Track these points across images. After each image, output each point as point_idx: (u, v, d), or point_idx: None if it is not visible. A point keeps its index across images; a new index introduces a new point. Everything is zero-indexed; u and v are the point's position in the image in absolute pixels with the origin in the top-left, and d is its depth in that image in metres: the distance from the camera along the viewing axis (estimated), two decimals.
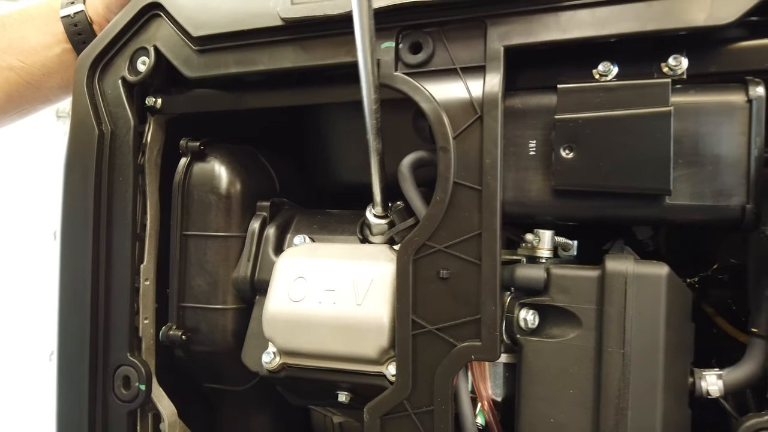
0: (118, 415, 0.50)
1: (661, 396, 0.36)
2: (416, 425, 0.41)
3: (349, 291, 0.44)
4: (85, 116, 0.51)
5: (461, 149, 0.40)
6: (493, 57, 0.40)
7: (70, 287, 0.51)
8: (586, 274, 0.38)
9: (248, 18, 0.46)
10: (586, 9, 0.39)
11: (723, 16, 0.36)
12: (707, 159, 0.37)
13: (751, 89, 0.36)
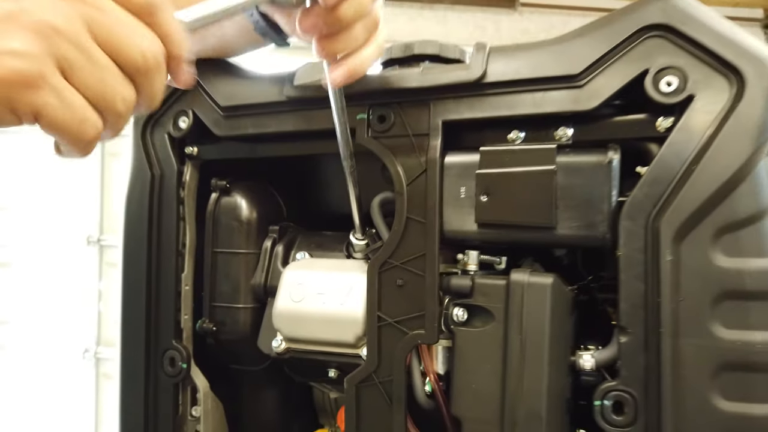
0: (166, 386, 0.67)
1: (547, 368, 0.51)
2: (380, 391, 0.57)
3: (335, 294, 0.60)
4: (141, 162, 0.68)
5: (412, 193, 0.56)
6: (434, 128, 0.56)
7: (130, 291, 0.68)
8: (498, 282, 0.54)
9: (261, 94, 0.62)
10: (500, 96, 0.54)
11: (590, 104, 0.51)
12: (582, 202, 0.52)
13: (611, 153, 0.51)
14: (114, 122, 0.37)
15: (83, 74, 0.34)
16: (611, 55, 0.51)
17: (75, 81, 0.34)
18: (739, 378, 0.47)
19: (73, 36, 0.34)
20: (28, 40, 0.33)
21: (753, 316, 0.47)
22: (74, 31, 0.34)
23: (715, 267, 0.47)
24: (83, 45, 0.34)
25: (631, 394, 0.49)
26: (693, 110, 0.49)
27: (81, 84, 0.35)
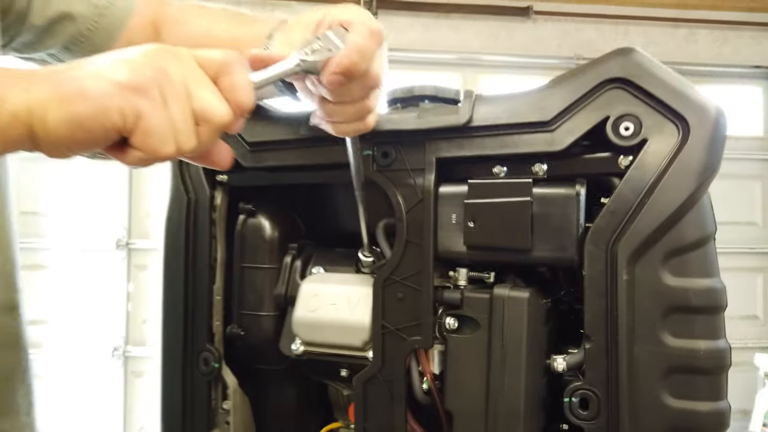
0: (200, 383, 0.77)
1: (524, 370, 0.60)
2: (384, 388, 0.66)
3: (346, 304, 0.70)
4: (179, 188, 0.78)
5: (410, 219, 0.65)
6: (429, 163, 0.65)
7: (170, 300, 0.78)
8: (483, 296, 0.63)
9: (281, 132, 0.72)
10: (485, 137, 0.63)
11: (560, 145, 0.60)
12: (554, 228, 0.61)
13: (578, 186, 0.60)
14: (179, 153, 0.47)
15: (173, 108, 0.45)
16: (578, 103, 0.60)
17: (169, 104, 0.46)
18: (685, 380, 0.56)
19: (176, 82, 0.45)
20: (148, 70, 0.45)
21: (697, 328, 0.56)
22: (177, 79, 0.45)
23: (665, 285, 0.56)
24: (179, 90, 0.45)
25: (595, 392, 0.58)
26: (646, 152, 0.57)
27: (172, 109, 0.46)
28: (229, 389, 0.78)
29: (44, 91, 0.44)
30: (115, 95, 0.44)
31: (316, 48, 0.54)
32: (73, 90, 0.44)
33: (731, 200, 3.84)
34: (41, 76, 0.46)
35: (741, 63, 3.92)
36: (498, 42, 3.80)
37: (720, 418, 0.56)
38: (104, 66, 0.46)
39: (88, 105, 0.44)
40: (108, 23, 0.78)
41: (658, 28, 3.90)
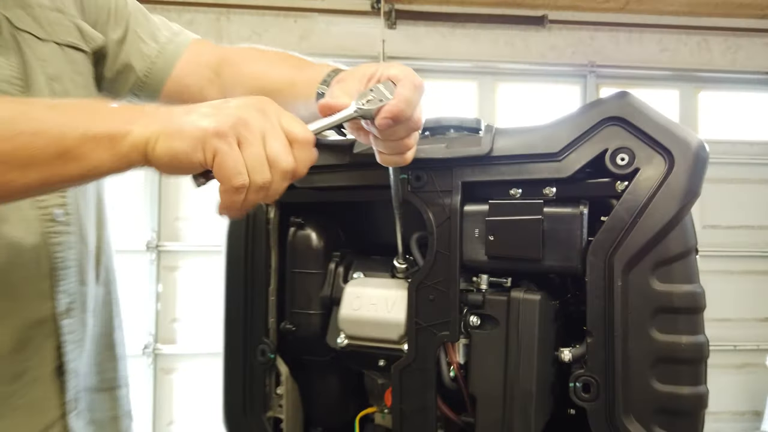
0: (258, 371, 0.90)
1: (536, 359, 0.72)
2: (417, 376, 0.79)
3: (384, 304, 0.82)
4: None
5: (440, 233, 0.78)
6: (456, 186, 0.77)
7: (232, 300, 0.91)
8: (501, 298, 0.75)
9: (329, 158, 0.85)
10: (503, 165, 0.75)
11: (566, 173, 0.72)
12: (561, 242, 0.72)
13: (582, 207, 0.72)
14: (253, 189, 0.59)
15: (249, 152, 0.58)
16: (581, 138, 0.72)
17: (244, 152, 0.58)
18: (670, 368, 0.67)
19: (252, 130, 0.58)
20: (230, 120, 0.58)
21: (680, 325, 0.68)
22: (256, 130, 0.58)
23: (653, 290, 0.68)
24: (255, 137, 0.58)
25: (595, 378, 0.70)
26: (639, 179, 0.69)
27: (246, 156, 0.58)
28: (282, 377, 0.90)
29: (156, 128, 0.58)
30: (200, 138, 0.57)
31: (370, 98, 0.67)
32: (174, 130, 0.58)
33: (744, 204, 3.91)
34: (157, 116, 0.59)
35: (754, 69, 3.99)
36: (513, 50, 3.91)
37: (699, 400, 0.68)
38: (200, 114, 0.59)
39: (181, 143, 0.57)
40: (158, 69, 0.92)
41: (672, 36, 3.98)
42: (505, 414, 0.74)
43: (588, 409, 0.70)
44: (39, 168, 0.55)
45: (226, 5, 3.75)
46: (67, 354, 0.75)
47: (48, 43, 0.79)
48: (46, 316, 0.73)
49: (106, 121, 0.57)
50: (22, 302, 0.70)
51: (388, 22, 3.79)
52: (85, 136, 0.56)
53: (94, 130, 0.56)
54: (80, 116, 0.57)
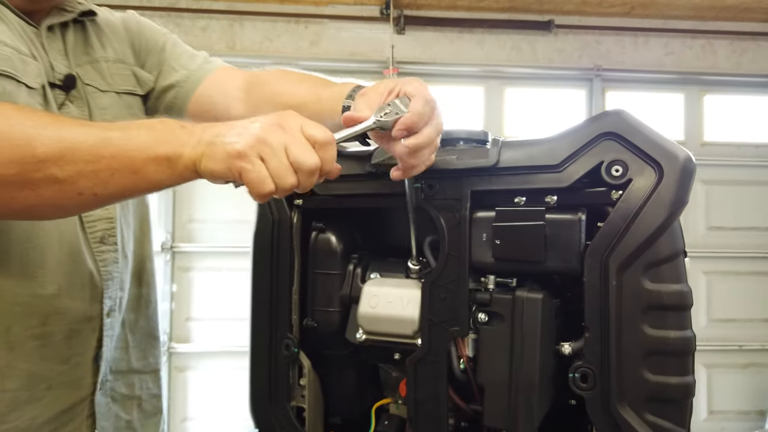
0: (282, 364, 0.98)
1: (538, 352, 0.79)
2: (430, 368, 0.86)
3: (399, 302, 0.90)
4: (265, 210, 0.99)
5: (451, 237, 0.85)
6: (465, 195, 0.84)
7: (258, 299, 0.99)
8: (507, 296, 0.82)
9: (349, 167, 0.92)
10: (509, 176, 0.83)
11: (566, 183, 0.79)
12: (562, 245, 0.80)
13: (580, 214, 0.79)
14: (282, 191, 0.69)
15: (272, 165, 0.68)
16: (580, 151, 0.79)
17: (267, 166, 0.67)
18: (659, 360, 0.74)
19: (274, 148, 0.67)
20: (249, 140, 0.67)
21: (669, 321, 0.75)
22: (276, 145, 0.67)
23: (644, 289, 0.75)
24: (278, 153, 0.67)
25: (592, 369, 0.77)
26: (631, 189, 0.76)
27: (270, 168, 0.67)
28: (304, 369, 0.98)
29: (200, 151, 0.68)
30: (227, 161, 0.67)
31: (387, 111, 0.75)
32: (210, 153, 0.68)
33: (750, 206, 3.95)
34: (202, 139, 0.69)
35: (759, 72, 4.03)
36: (521, 55, 3.97)
37: (687, 389, 0.74)
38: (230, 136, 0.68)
39: (215, 164, 0.68)
40: (183, 92, 1.07)
41: (677, 39, 4.03)
42: (511, 402, 0.81)
43: (586, 398, 0.77)
44: (117, 184, 0.67)
45: (238, 12, 3.84)
46: (104, 345, 0.90)
47: (108, 93, 0.95)
48: (94, 316, 0.88)
49: (165, 145, 0.68)
50: (78, 303, 0.86)
51: (397, 27, 3.87)
52: (149, 158, 0.67)
53: (155, 153, 0.67)
54: (146, 140, 0.68)
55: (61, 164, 0.65)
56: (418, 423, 0.88)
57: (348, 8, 3.88)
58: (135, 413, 0.99)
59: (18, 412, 0.80)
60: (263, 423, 1.00)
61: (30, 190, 0.65)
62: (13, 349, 0.80)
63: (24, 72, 0.82)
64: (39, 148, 0.64)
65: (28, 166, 0.64)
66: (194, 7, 3.79)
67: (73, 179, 0.65)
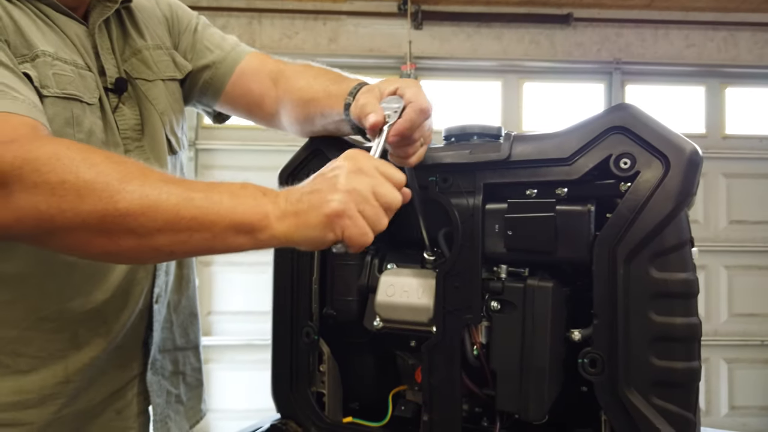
0: (303, 351, 1.02)
1: (549, 339, 0.82)
2: (444, 354, 0.89)
3: (415, 291, 0.93)
4: None
5: (464, 229, 0.88)
6: (478, 187, 0.88)
7: (280, 289, 1.03)
8: (518, 285, 0.85)
9: None
10: (520, 169, 0.86)
11: (576, 176, 0.82)
12: (572, 235, 0.82)
13: (589, 205, 0.82)
14: (377, 234, 0.72)
15: (367, 213, 0.70)
16: (589, 145, 0.81)
17: (364, 216, 0.70)
18: (666, 345, 0.77)
19: (366, 195, 0.70)
20: (346, 197, 0.69)
21: (675, 308, 0.77)
22: (366, 193, 0.70)
23: (651, 277, 0.77)
24: (370, 200, 0.70)
25: (600, 355, 0.79)
26: (639, 181, 0.78)
27: (366, 217, 0.70)
28: (324, 356, 1.02)
29: (292, 223, 0.69)
30: (329, 224, 0.69)
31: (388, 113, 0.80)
32: (304, 222, 0.69)
33: (763, 199, 3.90)
34: (287, 210, 0.69)
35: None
36: (539, 49, 3.97)
37: (692, 373, 0.77)
38: (321, 199, 0.69)
39: (314, 232, 0.69)
40: (221, 74, 1.09)
41: (699, 31, 3.99)
42: (522, 387, 0.84)
43: (594, 382, 0.80)
44: (194, 245, 0.68)
45: (257, 9, 3.89)
46: (154, 330, 0.96)
47: (156, 82, 0.97)
48: (146, 305, 0.95)
49: (248, 214, 0.67)
50: (134, 296, 0.92)
51: (415, 23, 3.89)
52: (230, 226, 0.67)
53: (238, 221, 0.67)
54: (228, 205, 0.67)
55: (142, 221, 0.65)
56: (433, 408, 0.91)
57: (366, 4, 3.91)
58: (181, 387, 1.05)
59: (79, 398, 0.88)
60: (284, 407, 1.05)
61: (107, 239, 0.66)
62: (80, 349, 0.87)
63: (84, 89, 0.84)
64: (121, 203, 0.64)
65: (109, 218, 0.65)
66: (214, 5, 3.85)
67: (152, 235, 0.66)
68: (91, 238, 0.66)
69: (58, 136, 0.78)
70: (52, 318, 0.85)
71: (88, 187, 0.64)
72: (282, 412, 1.05)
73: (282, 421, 1.04)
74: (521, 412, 0.84)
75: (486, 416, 0.93)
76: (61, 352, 0.86)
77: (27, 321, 0.84)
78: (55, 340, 0.86)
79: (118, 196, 0.64)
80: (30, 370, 0.84)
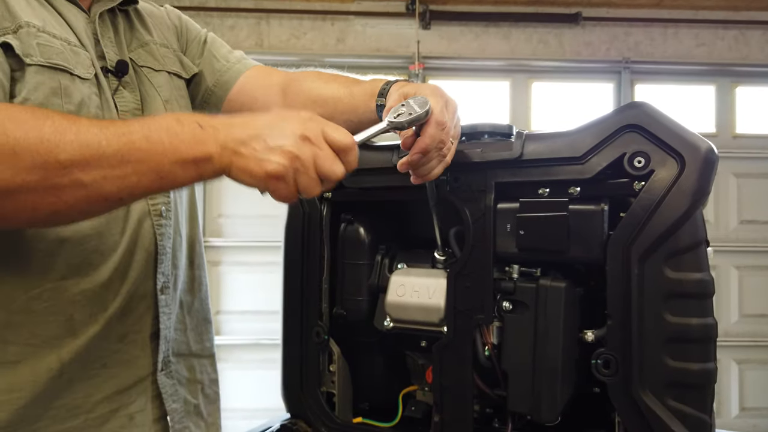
0: (313, 351, 1.02)
1: (561, 340, 0.81)
2: (455, 354, 0.89)
3: (425, 291, 0.93)
4: (296, 203, 1.03)
5: (476, 228, 0.87)
6: (489, 186, 0.87)
7: (290, 288, 1.03)
8: (531, 285, 0.84)
9: (377, 161, 0.95)
10: (532, 168, 0.85)
11: (589, 174, 0.81)
12: (585, 235, 0.81)
13: (603, 204, 0.81)
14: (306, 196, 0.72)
15: (302, 181, 0.70)
16: (602, 143, 0.81)
17: (298, 183, 0.70)
18: (681, 347, 0.76)
19: (307, 166, 0.69)
20: (287, 161, 0.69)
21: (690, 308, 0.76)
22: (308, 163, 0.69)
23: (666, 277, 0.76)
24: (309, 171, 0.70)
25: (614, 356, 0.79)
26: (653, 180, 0.78)
27: (300, 184, 0.70)
28: (334, 356, 1.02)
29: (229, 160, 0.69)
30: (263, 179, 0.69)
31: (401, 112, 0.78)
32: (243, 166, 0.69)
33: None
34: (227, 145, 0.69)
35: None
36: (547, 48, 3.94)
37: (708, 375, 0.76)
38: (261, 151, 0.69)
39: (249, 179, 0.70)
40: (224, 81, 1.09)
41: (709, 30, 3.95)
42: (534, 388, 0.83)
43: (608, 383, 0.79)
44: (143, 187, 0.69)
45: (265, 10, 3.90)
46: (161, 323, 0.91)
47: (161, 72, 0.98)
48: (148, 292, 0.90)
49: (190, 148, 0.68)
50: (132, 280, 0.87)
51: (423, 22, 3.88)
52: (176, 162, 0.68)
53: (182, 157, 0.68)
54: (169, 143, 0.68)
55: (88, 170, 0.65)
56: (443, 408, 0.91)
57: (374, 4, 3.91)
58: (200, 398, 1.00)
59: (69, 390, 0.82)
60: (295, 407, 1.05)
61: (54, 196, 0.65)
62: (75, 335, 0.81)
63: (75, 63, 0.83)
64: (62, 155, 0.64)
65: (52, 171, 0.64)
66: (222, 6, 3.86)
67: (99, 184, 0.66)
68: (36, 199, 0.65)
69: (44, 106, 0.76)
70: (45, 297, 0.79)
71: (21, 144, 0.63)
72: (292, 412, 1.05)
73: (292, 420, 1.04)
74: (533, 413, 0.83)
75: (497, 417, 0.93)
76: (55, 339, 0.80)
77: (15, 302, 0.78)
78: (47, 323, 0.80)
79: (57, 149, 0.64)
80: (19, 360, 0.78)
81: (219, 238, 3.96)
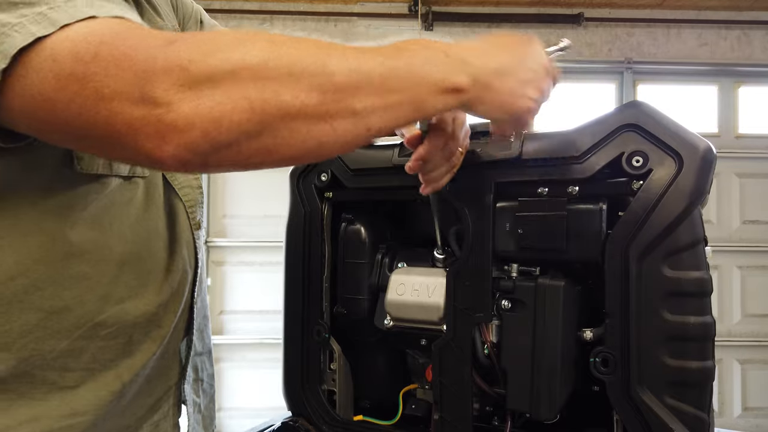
0: (314, 349, 1.02)
1: (560, 338, 0.82)
2: (455, 352, 0.89)
3: (425, 290, 0.93)
4: (297, 202, 1.04)
5: (475, 227, 0.88)
6: (489, 186, 0.87)
7: (291, 287, 1.04)
8: (530, 284, 0.85)
9: (377, 161, 0.96)
10: (531, 167, 0.85)
11: (587, 174, 0.82)
12: (584, 234, 0.82)
13: (601, 204, 0.81)
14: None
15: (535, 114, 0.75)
16: (601, 143, 0.81)
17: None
18: (679, 345, 0.76)
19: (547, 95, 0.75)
20: (537, 93, 0.72)
21: (688, 307, 0.76)
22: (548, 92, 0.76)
23: (664, 276, 0.77)
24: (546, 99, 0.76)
25: (613, 354, 0.79)
26: (652, 179, 0.78)
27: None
28: (335, 354, 1.02)
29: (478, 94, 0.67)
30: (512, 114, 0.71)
31: None
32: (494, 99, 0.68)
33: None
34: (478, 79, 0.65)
35: None
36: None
37: (706, 373, 0.76)
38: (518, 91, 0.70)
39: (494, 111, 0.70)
40: None
41: (711, 30, 3.95)
42: (533, 386, 0.84)
43: (606, 382, 0.79)
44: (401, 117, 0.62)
45: (270, 12, 3.91)
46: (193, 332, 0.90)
47: None
48: (188, 304, 0.89)
49: (447, 78, 0.63)
50: (182, 294, 0.86)
51: (425, 23, 3.89)
52: (438, 91, 0.62)
53: (445, 86, 0.63)
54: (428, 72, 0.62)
55: (359, 96, 0.58)
56: (443, 406, 0.91)
57: (377, 6, 3.92)
58: (201, 395, 0.99)
59: (125, 414, 0.80)
60: (296, 405, 1.05)
61: (326, 123, 0.57)
62: (132, 355, 0.79)
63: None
64: (337, 77, 0.56)
65: (329, 95, 0.56)
66: (227, 7, 3.88)
67: (367, 112, 0.58)
68: (310, 126, 0.56)
69: None
70: (109, 323, 0.76)
71: (296, 63, 0.55)
72: (293, 411, 1.06)
73: (293, 419, 1.04)
74: (532, 411, 0.84)
75: (497, 415, 0.93)
76: (112, 362, 0.77)
77: (81, 329, 0.74)
78: (108, 348, 0.76)
79: (328, 69, 0.56)
80: (78, 384, 0.74)
81: (223, 238, 3.97)
